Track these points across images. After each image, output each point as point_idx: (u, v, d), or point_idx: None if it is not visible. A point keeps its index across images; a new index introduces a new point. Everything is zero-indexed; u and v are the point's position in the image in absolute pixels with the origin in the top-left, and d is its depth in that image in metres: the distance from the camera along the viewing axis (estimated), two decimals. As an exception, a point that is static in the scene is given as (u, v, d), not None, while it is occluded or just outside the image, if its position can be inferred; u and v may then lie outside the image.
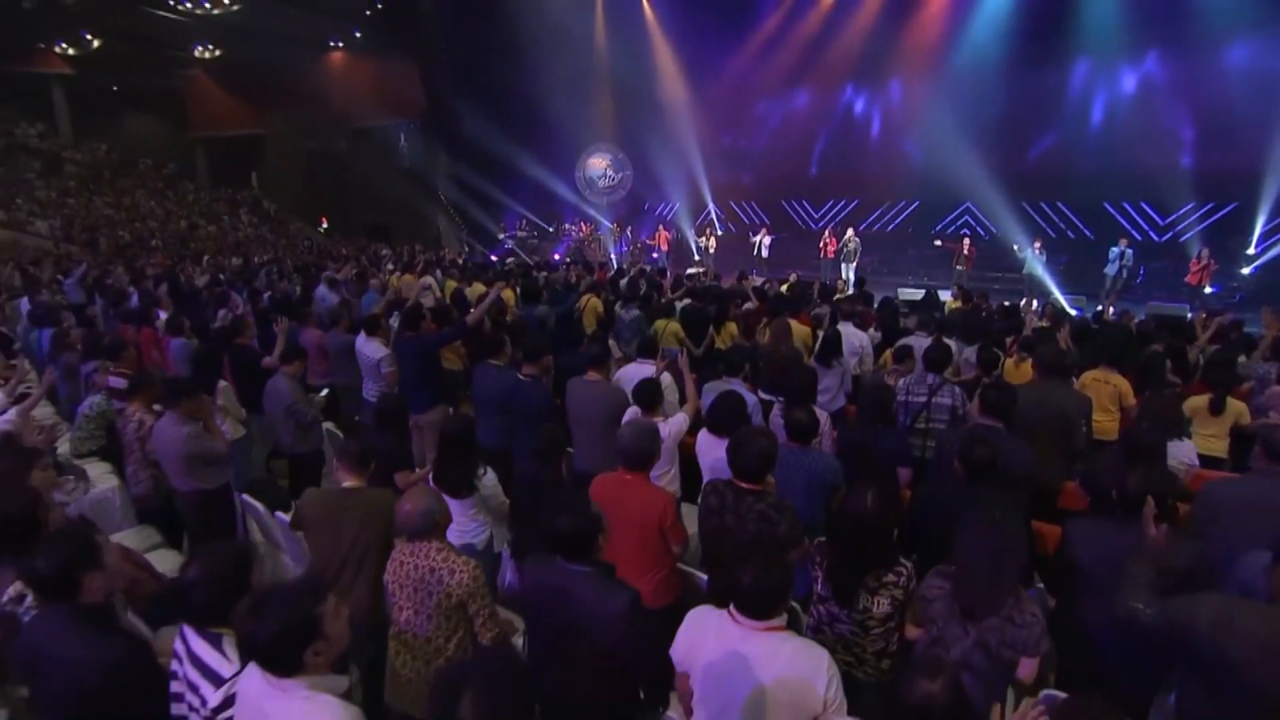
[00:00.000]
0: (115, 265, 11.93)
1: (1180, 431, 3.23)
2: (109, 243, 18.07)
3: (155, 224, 20.27)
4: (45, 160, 22.59)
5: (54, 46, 23.98)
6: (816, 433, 2.98)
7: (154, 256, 14.35)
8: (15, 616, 2.03)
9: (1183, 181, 14.33)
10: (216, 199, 23.96)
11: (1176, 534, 2.29)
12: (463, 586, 1.97)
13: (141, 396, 3.78)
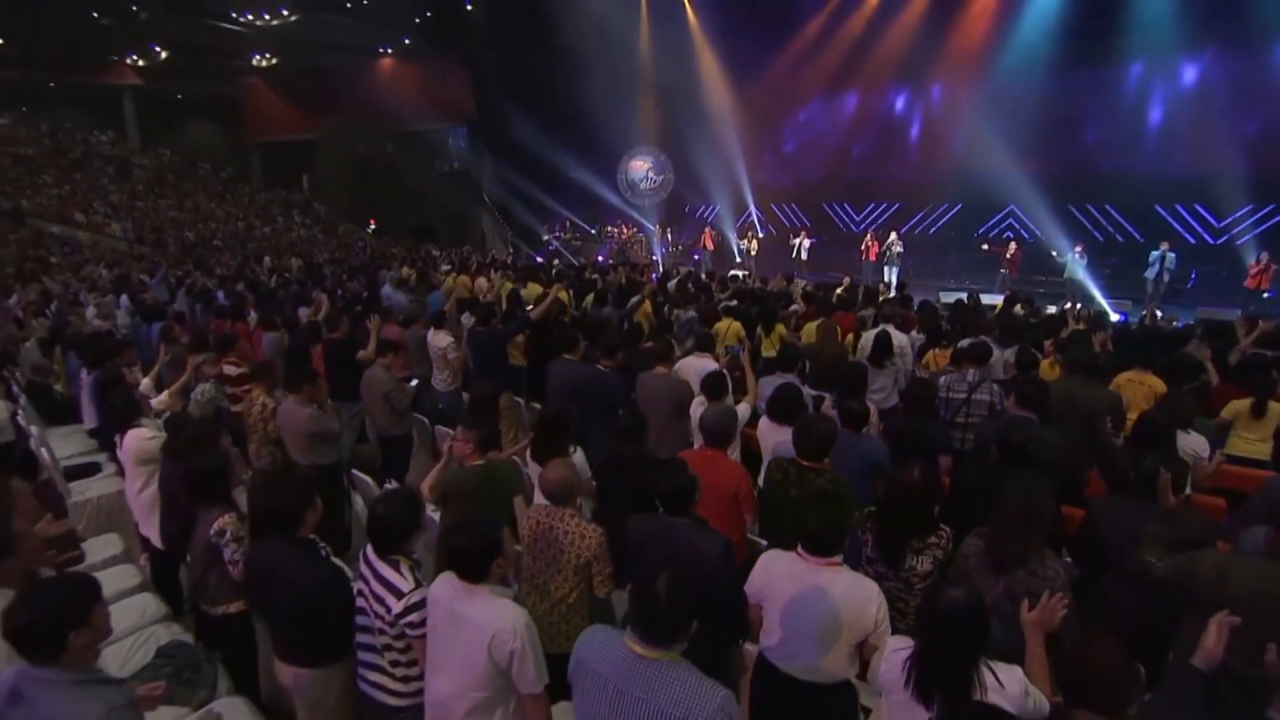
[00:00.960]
0: (188, 265, 12.85)
1: (1190, 424, 3.51)
2: (175, 243, 19.24)
3: (216, 225, 21.44)
4: (116, 165, 24.07)
5: (126, 59, 25.58)
6: (867, 422, 3.39)
7: (220, 257, 15.30)
8: (217, 548, 2.58)
9: (1240, 183, 14.13)
10: (271, 201, 25.18)
11: (1190, 509, 2.63)
12: (590, 550, 2.41)
13: (264, 383, 4.36)
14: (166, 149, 26.79)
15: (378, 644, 2.11)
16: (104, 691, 1.68)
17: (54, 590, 1.77)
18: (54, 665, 1.64)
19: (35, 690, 1.60)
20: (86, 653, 1.73)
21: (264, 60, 25.62)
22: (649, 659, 1.51)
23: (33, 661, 1.64)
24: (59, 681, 1.64)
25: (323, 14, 21.84)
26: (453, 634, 1.86)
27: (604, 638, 1.60)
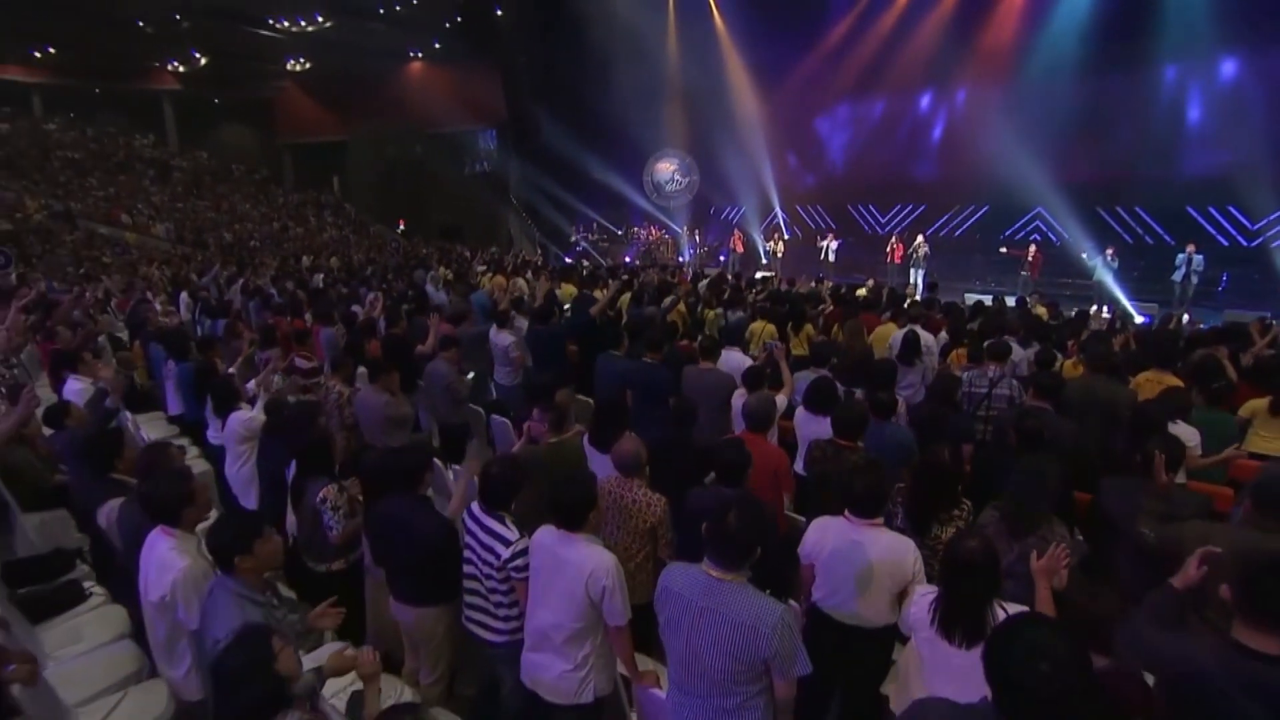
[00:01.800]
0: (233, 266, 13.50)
1: (1184, 415, 3.81)
2: (215, 243, 20.04)
3: (253, 226, 22.26)
4: (157, 168, 25.05)
5: (166, 65, 26.59)
6: (895, 412, 3.76)
7: (261, 257, 15.98)
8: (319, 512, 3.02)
9: (1275, 185, 14.14)
10: (303, 202, 26.01)
11: (1184, 489, 2.96)
12: (655, 515, 2.81)
13: (341, 373, 4.83)
14: (203, 151, 27.79)
15: (483, 587, 2.53)
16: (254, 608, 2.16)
17: (229, 524, 2.25)
18: (231, 576, 2.16)
19: (220, 590, 2.14)
20: (251, 574, 2.23)
21: (298, 65, 26.48)
22: (724, 581, 1.91)
23: (222, 570, 2.18)
24: (233, 590, 2.14)
25: (357, 19, 22.56)
26: (555, 574, 2.27)
27: (684, 569, 2.01)
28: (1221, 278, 13.49)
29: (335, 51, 25.07)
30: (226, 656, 1.66)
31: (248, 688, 1.60)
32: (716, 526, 1.88)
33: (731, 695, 1.90)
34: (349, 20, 22.59)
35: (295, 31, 23.53)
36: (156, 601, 2.32)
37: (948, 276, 15.52)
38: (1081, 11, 14.94)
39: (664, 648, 2.06)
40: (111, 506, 2.92)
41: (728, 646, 1.85)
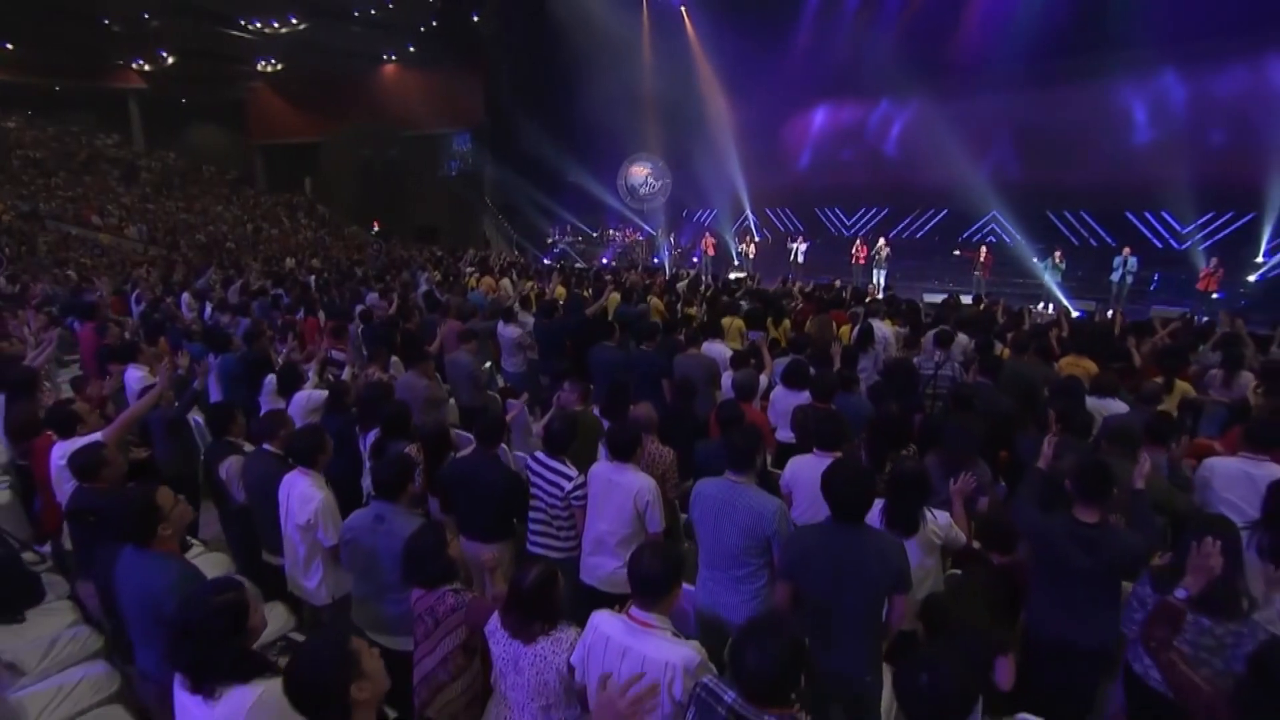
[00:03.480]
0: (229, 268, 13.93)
1: (1108, 392, 4.80)
2: (190, 245, 20.24)
3: (227, 227, 22.45)
4: (123, 168, 25.01)
5: (132, 64, 26.50)
6: (858, 385, 4.68)
7: (244, 258, 16.37)
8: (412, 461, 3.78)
9: (1202, 192, 15.68)
10: (276, 203, 26.20)
11: (1074, 442, 3.89)
12: (665, 463, 3.56)
13: (378, 362, 5.56)
14: (171, 152, 27.74)
15: (547, 515, 3.34)
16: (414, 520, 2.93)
17: (393, 463, 3.02)
18: (395, 503, 2.91)
19: (392, 516, 2.88)
20: (412, 501, 3.01)
21: (269, 66, 26.66)
22: (738, 482, 2.77)
23: (387, 500, 2.93)
24: (402, 512, 2.91)
25: (331, 22, 22.94)
26: (609, 494, 3.09)
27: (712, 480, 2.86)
28: (1154, 278, 14.87)
29: (308, 53, 25.34)
30: (418, 537, 2.45)
31: (434, 560, 2.39)
32: (731, 442, 2.75)
33: (744, 566, 2.76)
34: (323, 22, 22.96)
35: (268, 33, 23.78)
36: (302, 524, 3.07)
37: (908, 277, 16.70)
38: (1034, 28, 16.10)
39: (696, 538, 2.91)
40: (230, 462, 3.64)
41: (743, 526, 2.71)
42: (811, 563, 2.51)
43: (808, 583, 2.54)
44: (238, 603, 1.90)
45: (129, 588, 2.38)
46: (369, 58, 25.77)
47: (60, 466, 3.37)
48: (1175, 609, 2.15)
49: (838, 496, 2.50)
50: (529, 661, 2.22)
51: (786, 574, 2.64)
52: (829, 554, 2.49)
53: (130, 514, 2.36)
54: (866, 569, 2.45)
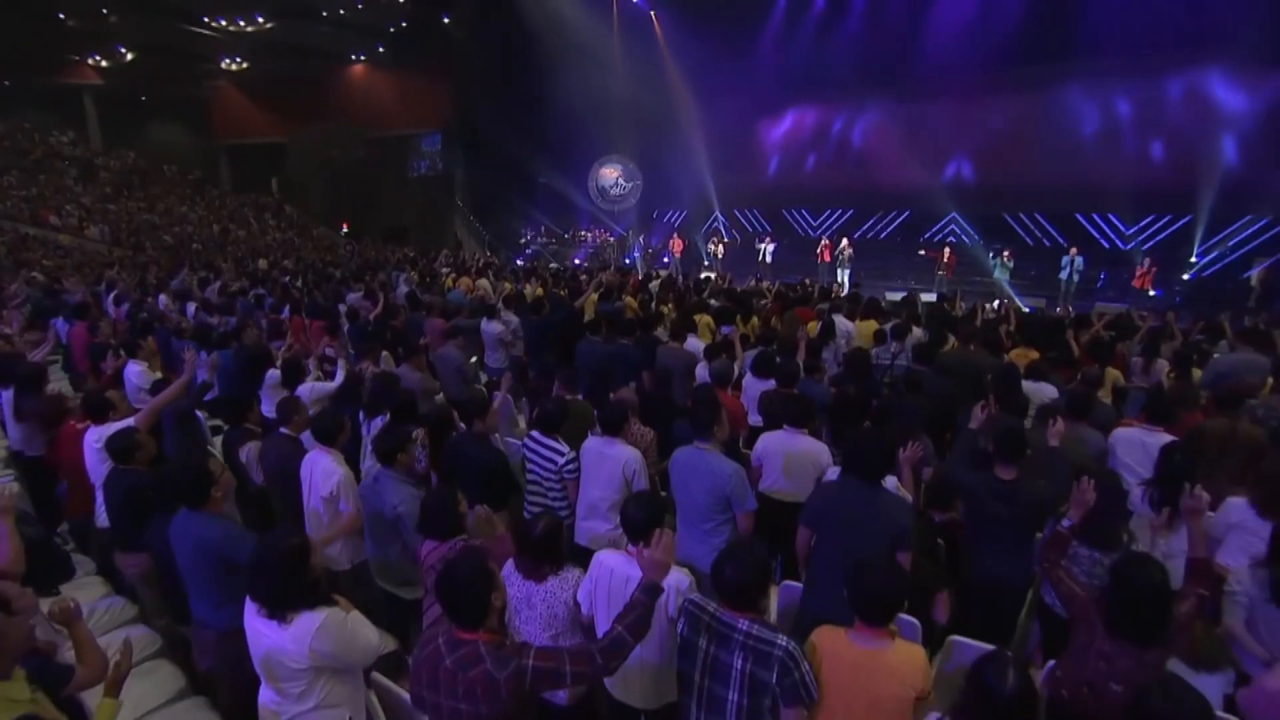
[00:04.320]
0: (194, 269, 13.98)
1: (1039, 377, 5.41)
2: (155, 246, 20.06)
3: (193, 228, 22.26)
4: (80, 167, 24.57)
5: (87, 59, 26.02)
6: (822, 373, 5.20)
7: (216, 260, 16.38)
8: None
9: (1145, 196, 16.77)
10: (242, 204, 25.99)
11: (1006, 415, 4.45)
12: (647, 441, 4.00)
13: (371, 356, 5.91)
14: (131, 151, 27.28)
15: (543, 488, 3.77)
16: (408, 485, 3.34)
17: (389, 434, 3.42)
18: (391, 469, 3.33)
19: (385, 478, 3.29)
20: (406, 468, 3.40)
21: (234, 64, 26.43)
22: (704, 450, 3.26)
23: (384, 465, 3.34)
24: (394, 477, 3.31)
25: (299, 22, 22.90)
26: (600, 464, 3.53)
27: (686, 448, 3.34)
28: (1100, 276, 15.84)
29: (275, 52, 25.22)
30: (433, 495, 2.87)
31: (447, 515, 2.82)
32: (695, 411, 3.25)
33: (710, 521, 3.27)
34: (291, 22, 22.91)
35: (233, 31, 23.63)
36: (325, 496, 3.45)
37: (872, 276, 17.43)
38: (989, 38, 16.90)
39: (674, 497, 3.39)
40: (249, 447, 4.00)
41: (706, 487, 3.22)
42: (828, 514, 2.99)
43: (823, 531, 3.02)
44: (302, 546, 2.30)
45: (186, 544, 2.75)
46: (337, 57, 25.75)
47: (97, 449, 3.69)
48: (1062, 536, 2.68)
49: (863, 458, 2.97)
50: (540, 598, 2.65)
51: (807, 522, 3.11)
52: (843, 508, 2.97)
53: (187, 480, 2.73)
54: (873, 523, 2.87)
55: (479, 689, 1.96)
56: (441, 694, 2.02)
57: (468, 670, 1.98)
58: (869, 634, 2.15)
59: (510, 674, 1.94)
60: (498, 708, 1.95)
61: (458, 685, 1.98)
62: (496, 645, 2.02)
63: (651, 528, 2.46)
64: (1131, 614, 2.29)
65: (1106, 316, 7.65)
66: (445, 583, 2.07)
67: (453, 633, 2.06)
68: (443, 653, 2.04)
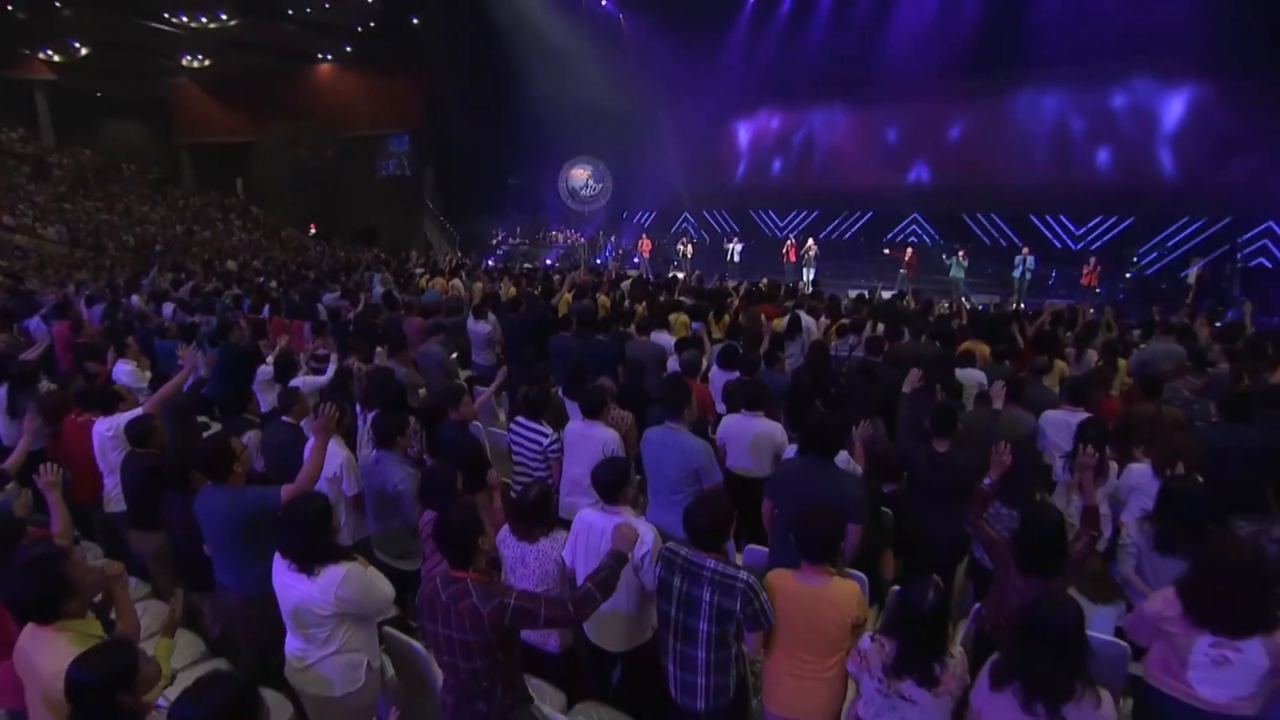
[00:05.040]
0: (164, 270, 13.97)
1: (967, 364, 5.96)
2: (117, 247, 19.82)
3: (155, 229, 21.99)
4: (32, 165, 24.06)
5: (39, 53, 25.41)
6: (783, 364, 5.66)
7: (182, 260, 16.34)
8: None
9: (1094, 198, 17.75)
10: (206, 204, 25.69)
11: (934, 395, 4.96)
12: (627, 424, 4.42)
13: (359, 353, 6.19)
14: (86, 148, 26.75)
15: (529, 468, 4.14)
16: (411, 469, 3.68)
17: (389, 420, 3.75)
18: (390, 451, 3.66)
19: (385, 459, 3.62)
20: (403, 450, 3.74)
21: (195, 61, 26.08)
22: (675, 429, 3.68)
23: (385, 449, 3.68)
24: (394, 458, 3.66)
25: (264, 20, 22.73)
26: (582, 445, 3.91)
27: (657, 429, 3.75)
28: (1052, 274, 16.69)
29: (239, 50, 24.95)
30: (432, 472, 3.23)
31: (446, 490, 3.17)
32: (666, 394, 3.66)
33: (679, 492, 3.68)
34: (255, 20, 22.72)
35: (195, 28, 23.33)
36: (330, 477, 3.75)
37: (837, 275, 18.09)
38: (946, 46, 17.63)
39: (646, 471, 3.79)
40: (250, 435, 4.28)
41: (677, 462, 3.63)
42: (786, 488, 3.42)
43: (781, 502, 3.45)
44: (325, 507, 2.66)
45: (212, 515, 3.07)
46: (304, 57, 25.58)
47: (108, 437, 3.96)
48: (984, 493, 3.16)
49: (816, 438, 3.41)
50: (534, 556, 3.03)
51: (770, 495, 3.57)
52: (799, 481, 3.41)
53: (215, 456, 3.05)
54: (824, 495, 3.18)
55: (467, 619, 2.34)
56: (438, 623, 2.41)
57: (458, 603, 2.36)
58: (812, 572, 2.58)
59: (493, 608, 2.33)
60: (482, 636, 2.34)
61: (450, 615, 2.37)
62: (483, 583, 2.41)
63: (619, 488, 2.87)
64: (1036, 552, 2.76)
65: (1045, 313, 8.28)
66: (441, 528, 2.47)
67: (447, 572, 2.45)
68: (439, 589, 2.43)
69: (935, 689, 2.28)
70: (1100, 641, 2.98)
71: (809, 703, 2.59)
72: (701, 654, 2.56)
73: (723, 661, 2.57)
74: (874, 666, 2.35)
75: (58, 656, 2.04)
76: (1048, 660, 2.13)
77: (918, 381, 4.49)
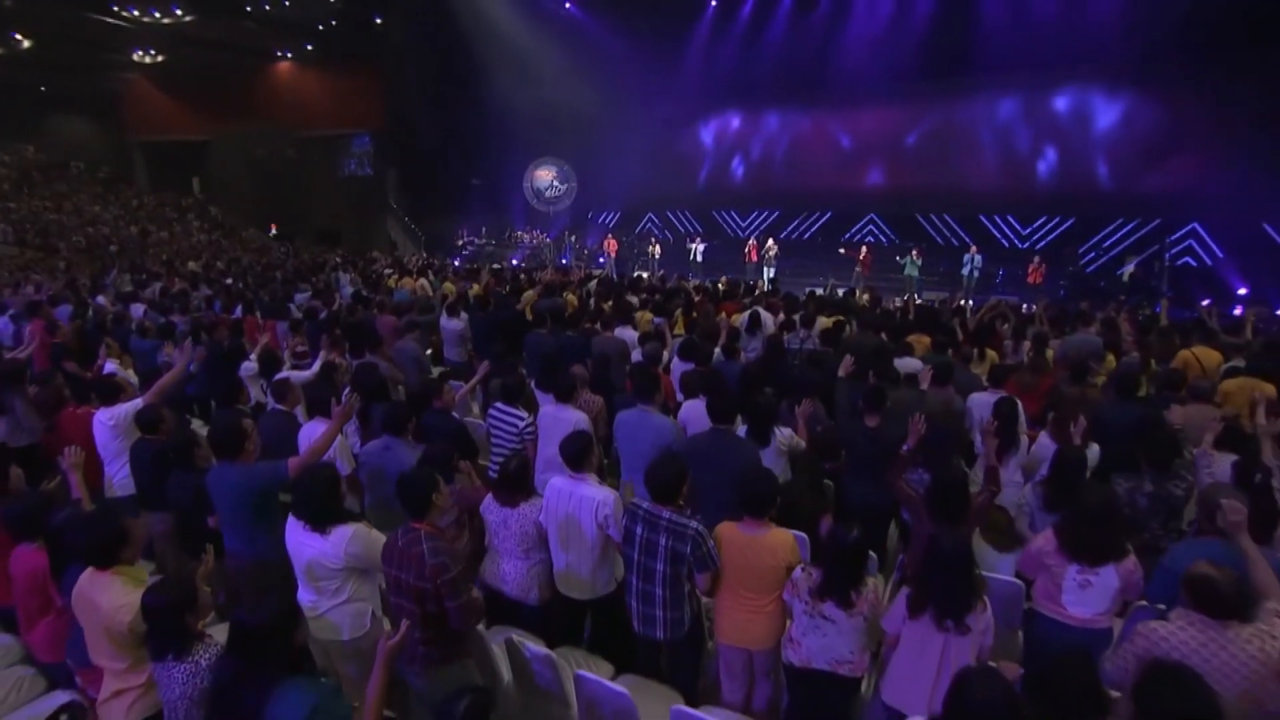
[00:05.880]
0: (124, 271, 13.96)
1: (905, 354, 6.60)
2: (68, 247, 19.52)
3: (108, 229, 21.66)
4: (-27, 163, 23.43)
5: (-25, 44, 24.60)
6: (740, 358, 6.21)
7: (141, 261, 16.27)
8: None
9: (1039, 200, 18.84)
10: (161, 204, 25.31)
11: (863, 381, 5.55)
12: (597, 408, 4.90)
13: (337, 350, 6.55)
14: (29, 145, 26.09)
15: (506, 450, 4.59)
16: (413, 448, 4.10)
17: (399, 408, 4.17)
18: (399, 438, 4.07)
19: (395, 445, 4.03)
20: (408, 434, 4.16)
21: (147, 56, 25.63)
22: (647, 410, 4.16)
23: (394, 435, 4.07)
24: (403, 443, 4.07)
25: (220, 17, 22.52)
26: (555, 427, 4.36)
27: (630, 411, 4.24)
28: (999, 272, 17.66)
29: (192, 46, 24.61)
30: (433, 449, 3.66)
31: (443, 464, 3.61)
32: (637, 382, 4.15)
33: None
34: (211, 16, 22.48)
35: (147, 22, 22.97)
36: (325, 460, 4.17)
37: (796, 273, 18.83)
38: (898, 52, 18.45)
39: (620, 450, 4.28)
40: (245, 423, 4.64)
41: (650, 439, 4.12)
42: (696, 454, 3.94)
43: (695, 468, 3.95)
44: (335, 475, 3.09)
45: (226, 489, 3.46)
46: (263, 55, 25.36)
47: (110, 426, 4.28)
48: (903, 457, 3.73)
49: (719, 409, 3.95)
50: (515, 520, 3.50)
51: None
52: (708, 449, 3.93)
53: (226, 436, 3.44)
54: (729, 460, 3.85)
55: (413, 564, 2.80)
56: (394, 566, 2.87)
57: (410, 549, 2.83)
58: (752, 524, 3.10)
59: (435, 565, 2.76)
60: (424, 583, 2.78)
61: (405, 560, 2.83)
62: (435, 537, 2.86)
63: (583, 457, 3.37)
64: (943, 503, 3.32)
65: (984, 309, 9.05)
66: (402, 482, 2.94)
67: (408, 522, 2.91)
68: (398, 536, 2.89)
69: (851, 610, 2.82)
70: (1002, 582, 3.59)
71: (752, 633, 3.11)
72: (660, 591, 3.07)
73: (678, 598, 3.08)
74: (802, 591, 2.87)
75: (115, 594, 2.44)
76: (951, 582, 2.66)
77: (850, 367, 5.06)
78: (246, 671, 2.07)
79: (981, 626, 2.62)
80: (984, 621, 2.64)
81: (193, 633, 2.31)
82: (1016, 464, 4.62)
